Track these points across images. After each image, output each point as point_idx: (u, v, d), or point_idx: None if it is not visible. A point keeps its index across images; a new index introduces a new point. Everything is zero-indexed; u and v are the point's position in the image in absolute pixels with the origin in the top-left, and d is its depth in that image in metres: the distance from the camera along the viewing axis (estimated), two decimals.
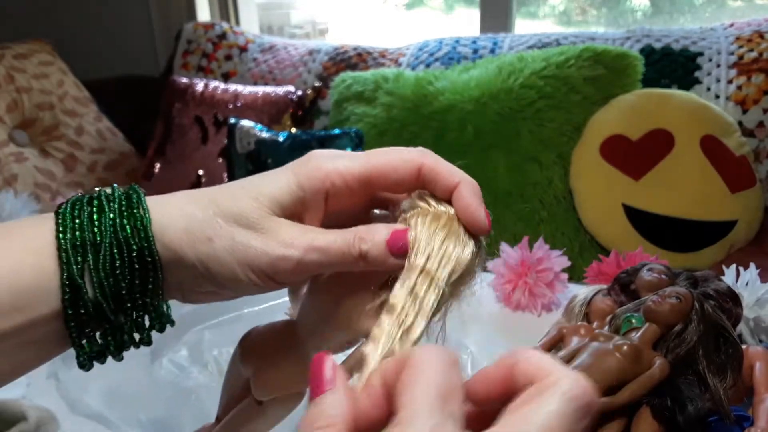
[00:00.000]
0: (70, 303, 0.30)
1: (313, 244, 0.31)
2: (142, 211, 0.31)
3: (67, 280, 0.30)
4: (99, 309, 0.30)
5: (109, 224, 0.31)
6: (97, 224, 0.31)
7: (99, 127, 1.73)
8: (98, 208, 0.31)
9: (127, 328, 0.32)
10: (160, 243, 0.31)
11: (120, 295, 0.31)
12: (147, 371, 0.63)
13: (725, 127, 1.26)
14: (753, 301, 0.63)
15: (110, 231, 0.31)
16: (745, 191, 1.22)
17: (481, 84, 1.34)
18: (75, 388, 0.61)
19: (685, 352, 0.48)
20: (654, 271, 0.57)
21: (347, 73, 1.56)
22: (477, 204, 0.32)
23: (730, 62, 1.34)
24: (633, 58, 1.30)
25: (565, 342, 0.55)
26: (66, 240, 0.30)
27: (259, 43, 1.85)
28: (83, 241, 0.30)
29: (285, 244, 0.31)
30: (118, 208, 0.31)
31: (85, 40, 2.12)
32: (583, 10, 2.14)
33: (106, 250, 0.30)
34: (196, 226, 0.31)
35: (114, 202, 0.32)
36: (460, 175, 0.32)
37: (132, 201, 0.32)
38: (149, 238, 0.31)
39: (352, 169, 0.32)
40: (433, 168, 0.32)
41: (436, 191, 0.33)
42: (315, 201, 0.33)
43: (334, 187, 0.32)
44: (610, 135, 1.25)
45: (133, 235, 0.31)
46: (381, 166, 0.32)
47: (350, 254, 0.31)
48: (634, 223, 1.21)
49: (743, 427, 0.48)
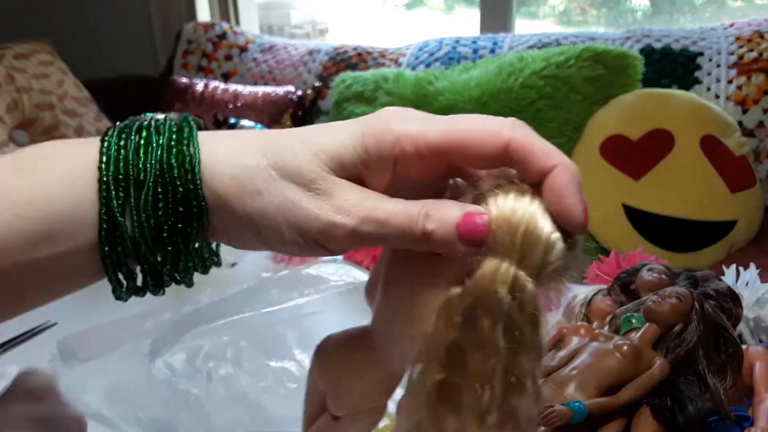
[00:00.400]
0: (107, 239, 0.28)
1: (371, 214, 0.28)
2: (192, 149, 0.29)
3: (105, 216, 0.28)
4: (137, 248, 0.28)
5: (155, 160, 0.28)
6: (142, 159, 0.28)
7: (99, 127, 1.73)
8: (146, 140, 0.29)
9: (168, 269, 0.30)
10: (207, 187, 0.29)
11: (161, 236, 0.29)
12: (145, 371, 0.63)
13: (725, 127, 1.26)
14: (753, 301, 0.63)
15: (156, 168, 0.28)
16: (745, 191, 1.22)
17: (481, 84, 1.34)
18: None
19: (685, 352, 0.48)
20: (654, 271, 0.57)
21: (347, 73, 1.56)
22: (573, 193, 0.27)
23: (730, 62, 1.34)
24: (633, 58, 1.30)
25: (565, 342, 0.55)
26: (108, 173, 0.28)
27: (259, 43, 1.85)
28: (126, 176, 0.28)
29: (340, 210, 0.28)
30: (167, 143, 0.29)
31: (85, 40, 2.12)
32: (583, 10, 2.14)
33: (149, 188, 0.28)
34: (246, 175, 0.29)
35: (164, 134, 0.29)
36: (557, 156, 0.28)
37: (183, 136, 0.29)
38: (196, 182, 0.28)
39: (427, 136, 0.28)
40: (523, 146, 0.28)
41: (526, 173, 0.28)
42: (381, 165, 0.29)
43: (404, 154, 0.29)
44: (610, 135, 1.25)
45: (180, 176, 0.28)
46: (462, 137, 0.28)
47: (412, 232, 0.27)
48: (634, 223, 1.21)
49: (743, 427, 0.48)
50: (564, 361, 0.50)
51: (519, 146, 0.28)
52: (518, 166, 0.28)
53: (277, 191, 0.28)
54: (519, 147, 0.28)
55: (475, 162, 0.29)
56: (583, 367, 0.48)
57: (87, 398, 0.60)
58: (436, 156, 0.29)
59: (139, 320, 0.71)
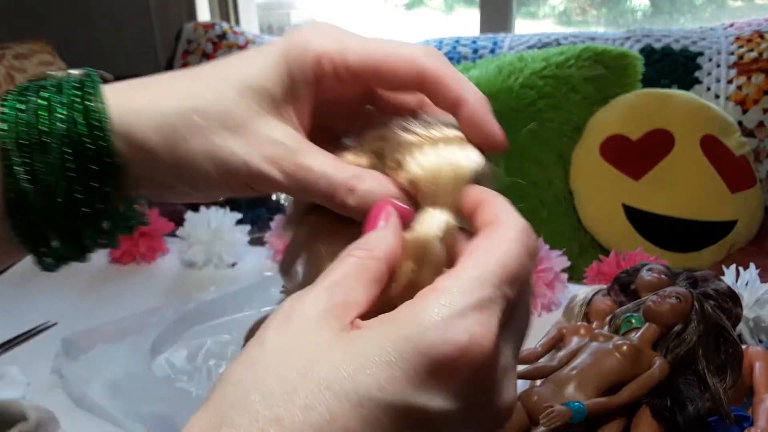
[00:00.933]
0: (16, 209, 0.26)
1: (297, 174, 0.27)
2: (98, 104, 0.27)
3: (11, 185, 0.26)
4: (50, 215, 0.27)
5: (60, 120, 0.26)
6: (46, 119, 0.26)
7: None
8: (47, 100, 0.27)
9: (88, 233, 0.28)
10: (124, 141, 0.27)
11: (74, 199, 0.27)
12: (147, 367, 0.64)
13: (725, 127, 1.26)
14: (753, 301, 0.63)
15: (62, 129, 0.26)
16: (744, 191, 1.22)
17: (481, 84, 1.34)
18: (78, 383, 0.62)
19: (684, 352, 0.49)
20: (654, 271, 0.57)
21: None
22: (491, 119, 0.28)
23: (730, 62, 1.34)
24: (633, 58, 1.30)
25: (565, 342, 0.55)
26: (9, 138, 0.26)
27: (259, 43, 1.85)
28: (30, 140, 0.26)
29: (269, 160, 0.27)
30: (69, 101, 0.27)
31: (85, 40, 2.12)
32: (583, 10, 2.14)
33: (55, 150, 0.26)
34: (167, 122, 0.27)
35: (66, 92, 0.27)
36: (468, 87, 0.28)
37: (86, 91, 0.27)
38: (107, 137, 0.26)
39: (346, 57, 0.27)
40: (436, 74, 0.28)
41: (438, 101, 0.28)
42: (304, 89, 0.28)
43: (323, 73, 0.28)
44: (610, 135, 1.25)
45: (89, 133, 0.26)
46: (379, 62, 0.28)
47: (333, 199, 0.27)
48: (634, 223, 1.21)
49: (743, 427, 0.48)
50: (564, 361, 0.50)
51: (432, 75, 0.28)
52: (431, 94, 0.28)
53: (203, 136, 0.27)
54: (432, 75, 0.28)
55: (390, 86, 0.29)
56: (582, 367, 0.48)
57: (89, 392, 0.60)
58: (355, 79, 0.28)
59: (141, 317, 0.71)
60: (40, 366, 0.65)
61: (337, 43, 0.28)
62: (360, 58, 0.28)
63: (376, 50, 0.28)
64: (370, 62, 0.28)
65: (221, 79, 0.28)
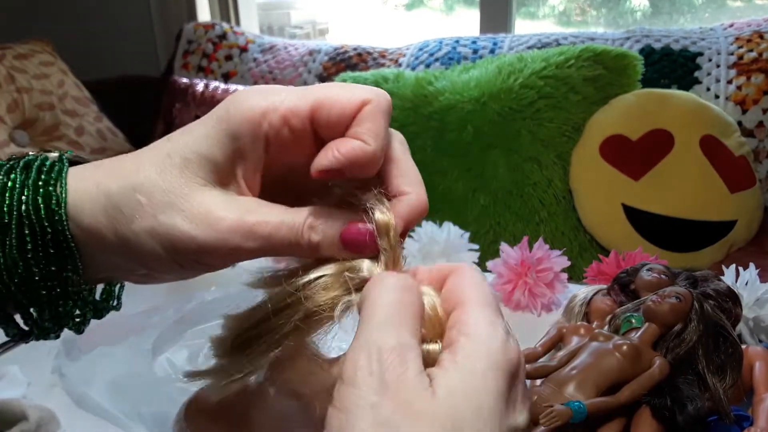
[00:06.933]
0: None
1: (253, 230, 0.27)
2: (60, 188, 0.27)
3: None
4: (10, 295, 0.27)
5: (21, 201, 0.27)
6: (7, 201, 0.27)
7: (99, 127, 1.73)
8: (12, 181, 0.27)
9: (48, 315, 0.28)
10: (76, 224, 0.27)
11: (33, 280, 0.27)
12: (148, 367, 0.64)
13: (725, 127, 1.26)
14: (753, 301, 0.63)
15: (22, 210, 0.26)
16: (744, 191, 1.22)
17: (481, 84, 1.34)
18: (79, 383, 0.62)
19: (684, 352, 0.49)
20: (654, 271, 0.57)
21: (347, 73, 1.56)
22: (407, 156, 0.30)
23: (729, 62, 1.34)
24: (632, 58, 1.30)
25: (565, 342, 0.55)
26: None
27: (259, 43, 1.85)
28: None
29: (218, 229, 0.26)
30: (34, 184, 0.27)
31: (86, 40, 2.12)
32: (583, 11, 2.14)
33: (14, 230, 0.26)
34: (113, 204, 0.27)
35: (31, 173, 0.27)
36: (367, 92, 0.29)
37: (51, 176, 0.27)
38: (63, 222, 0.27)
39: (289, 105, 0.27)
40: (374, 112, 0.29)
41: None
42: (253, 150, 0.27)
43: (273, 128, 0.27)
44: (610, 135, 1.25)
45: (47, 216, 0.26)
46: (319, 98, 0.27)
47: (298, 245, 0.27)
48: (634, 223, 1.21)
49: (743, 427, 0.48)
50: (564, 360, 0.50)
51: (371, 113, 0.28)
52: None
53: (148, 216, 0.26)
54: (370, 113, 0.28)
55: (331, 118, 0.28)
56: (582, 367, 0.48)
57: (91, 393, 0.60)
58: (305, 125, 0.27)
59: (142, 317, 0.71)
60: (41, 366, 0.65)
61: (279, 95, 0.27)
62: (301, 100, 0.27)
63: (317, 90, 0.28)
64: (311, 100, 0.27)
65: (162, 156, 0.27)
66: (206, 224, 0.26)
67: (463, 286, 0.27)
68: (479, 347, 0.24)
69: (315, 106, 0.27)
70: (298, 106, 0.27)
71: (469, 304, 0.26)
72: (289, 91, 0.28)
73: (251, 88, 0.28)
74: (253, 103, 0.27)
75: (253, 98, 0.27)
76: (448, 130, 1.33)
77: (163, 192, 0.27)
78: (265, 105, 0.27)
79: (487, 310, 0.26)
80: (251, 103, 0.27)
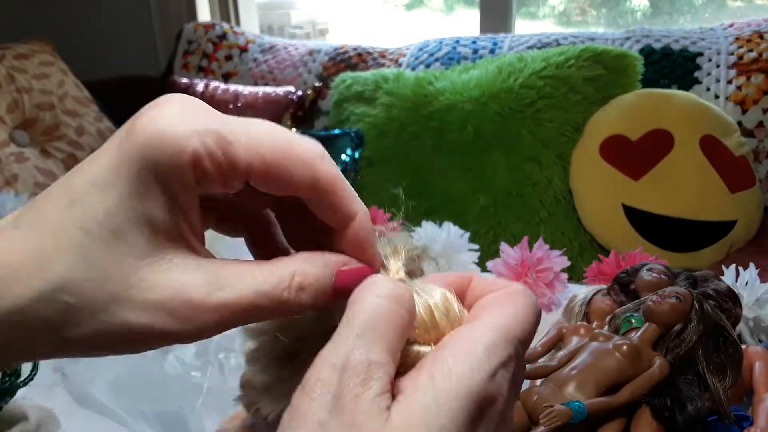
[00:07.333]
0: None
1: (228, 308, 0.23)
2: None
3: None
4: None
5: None
6: None
7: (99, 127, 1.73)
8: None
9: None
10: None
11: None
12: (153, 365, 0.64)
13: (725, 127, 1.26)
14: (753, 301, 0.63)
15: None
16: (744, 191, 1.22)
17: (481, 84, 1.34)
18: (81, 382, 0.62)
19: (684, 351, 0.49)
20: (654, 271, 0.57)
21: (347, 74, 1.56)
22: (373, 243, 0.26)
23: (729, 62, 1.34)
24: (633, 58, 1.30)
25: (565, 342, 0.55)
26: None
27: (259, 43, 1.85)
28: None
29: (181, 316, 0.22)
30: None
31: (86, 40, 2.12)
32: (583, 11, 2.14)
33: None
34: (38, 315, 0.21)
35: None
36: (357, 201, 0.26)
37: None
38: None
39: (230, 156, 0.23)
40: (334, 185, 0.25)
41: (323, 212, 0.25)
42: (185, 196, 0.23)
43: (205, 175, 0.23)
44: (610, 135, 1.25)
45: None
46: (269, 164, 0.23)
47: (289, 308, 0.24)
48: (634, 223, 1.21)
49: (743, 427, 0.48)
50: (564, 360, 0.50)
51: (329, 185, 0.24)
52: (319, 203, 0.25)
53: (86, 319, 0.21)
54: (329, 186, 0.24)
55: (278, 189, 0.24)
56: (582, 367, 0.48)
57: (94, 392, 0.60)
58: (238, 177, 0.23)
59: None
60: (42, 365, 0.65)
61: (214, 134, 0.22)
62: (248, 155, 0.23)
63: (266, 148, 0.23)
64: (258, 162, 0.23)
65: (75, 233, 0.22)
66: (166, 312, 0.22)
67: (491, 299, 0.26)
68: (457, 370, 0.22)
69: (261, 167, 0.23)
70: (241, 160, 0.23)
71: (482, 318, 0.25)
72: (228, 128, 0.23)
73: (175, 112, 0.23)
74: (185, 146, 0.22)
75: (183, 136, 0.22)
76: (448, 130, 1.33)
77: (96, 285, 0.21)
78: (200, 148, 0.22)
79: (495, 334, 0.23)
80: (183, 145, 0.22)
